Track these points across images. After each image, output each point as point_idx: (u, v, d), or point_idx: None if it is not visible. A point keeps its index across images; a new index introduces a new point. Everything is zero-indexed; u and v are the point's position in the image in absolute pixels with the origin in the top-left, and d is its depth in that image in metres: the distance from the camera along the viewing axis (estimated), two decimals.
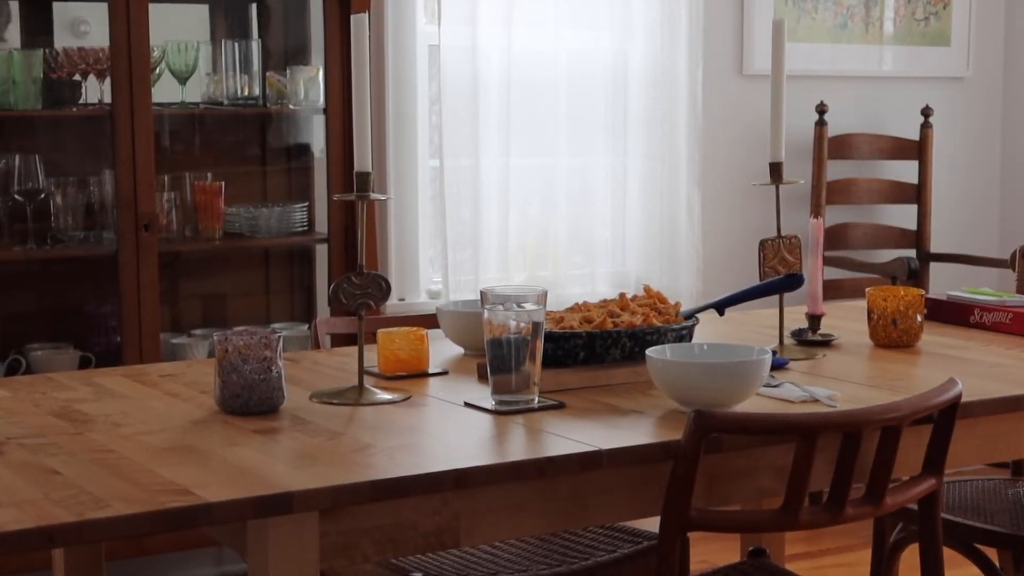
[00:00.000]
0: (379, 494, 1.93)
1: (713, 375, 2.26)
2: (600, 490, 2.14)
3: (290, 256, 4.45)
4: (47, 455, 2.05)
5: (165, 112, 4.05)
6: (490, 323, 2.30)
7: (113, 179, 3.89)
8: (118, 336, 3.93)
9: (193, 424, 2.25)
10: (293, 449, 2.11)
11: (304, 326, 4.25)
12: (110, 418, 2.29)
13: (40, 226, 3.93)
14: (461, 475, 1.99)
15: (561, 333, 2.53)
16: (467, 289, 4.29)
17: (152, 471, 1.95)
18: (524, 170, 4.48)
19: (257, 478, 1.93)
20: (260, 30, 4.31)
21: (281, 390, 2.31)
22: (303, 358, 2.85)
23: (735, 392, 2.27)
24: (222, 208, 4.11)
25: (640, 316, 2.60)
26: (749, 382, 2.28)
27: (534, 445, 2.19)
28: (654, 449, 2.13)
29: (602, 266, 4.64)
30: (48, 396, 2.47)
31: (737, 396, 2.27)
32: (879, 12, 5.18)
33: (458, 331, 2.83)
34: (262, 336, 2.29)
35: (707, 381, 2.26)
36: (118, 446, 2.10)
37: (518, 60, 4.39)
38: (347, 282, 2.40)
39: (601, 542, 2.68)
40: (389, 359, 2.61)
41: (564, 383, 2.45)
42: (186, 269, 4.26)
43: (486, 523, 2.06)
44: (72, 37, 4.03)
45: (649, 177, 4.64)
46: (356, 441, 2.14)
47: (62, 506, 1.79)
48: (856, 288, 4.58)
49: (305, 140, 4.37)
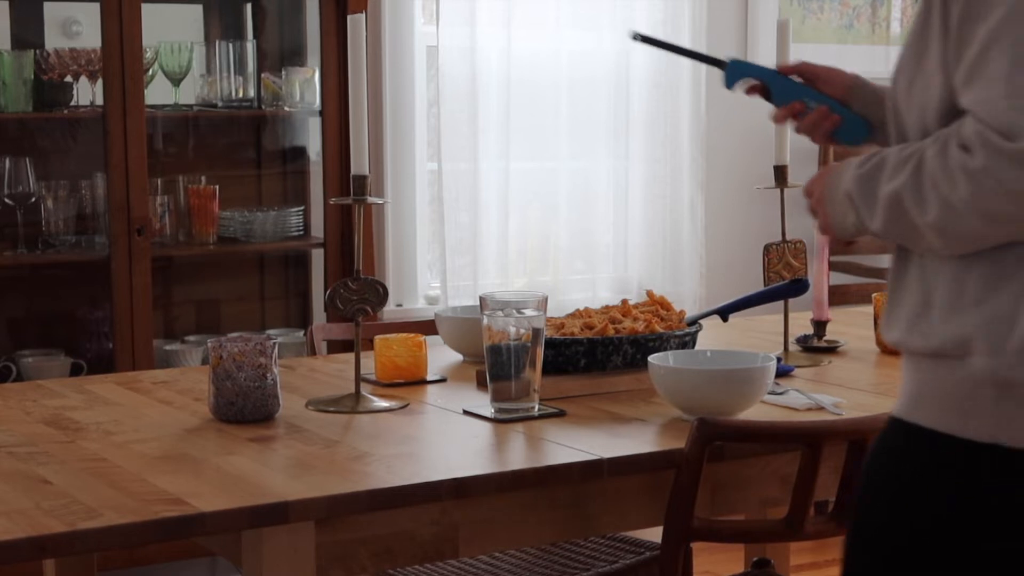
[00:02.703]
0: (376, 504, 1.93)
1: (716, 382, 2.26)
2: (601, 499, 2.14)
3: (285, 261, 4.44)
4: (38, 464, 2.05)
5: (158, 114, 4.04)
6: (489, 329, 2.30)
7: (105, 183, 3.87)
8: (110, 342, 3.92)
9: (187, 432, 2.25)
10: (289, 458, 2.11)
11: (300, 332, 4.23)
12: (102, 426, 2.29)
13: (31, 230, 3.91)
14: (460, 484, 1.99)
15: (562, 340, 2.51)
16: (466, 295, 4.26)
17: (145, 480, 1.95)
18: (524, 173, 4.46)
19: (252, 487, 1.93)
20: (255, 31, 4.30)
21: (276, 398, 2.31)
22: (299, 365, 2.85)
23: (739, 400, 2.26)
24: (216, 212, 4.10)
25: (642, 322, 2.59)
26: (753, 389, 2.27)
27: (534, 454, 2.19)
28: (656, 458, 2.13)
29: (603, 271, 4.63)
30: (39, 404, 2.47)
31: (741, 404, 2.27)
32: (885, 12, 5.15)
33: (457, 337, 2.82)
34: (257, 343, 2.29)
35: (710, 388, 2.25)
36: (110, 455, 2.10)
37: (518, 61, 4.37)
38: (344, 288, 2.40)
39: (602, 552, 2.68)
40: (386, 366, 2.61)
41: (565, 391, 2.45)
42: (180, 274, 4.25)
43: (485, 533, 2.06)
44: (63, 38, 4.02)
45: (651, 180, 4.62)
46: (353, 450, 2.14)
47: (53, 516, 1.79)
48: (863, 294, 4.55)
49: (301, 143, 4.36)
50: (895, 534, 1.62)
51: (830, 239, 1.67)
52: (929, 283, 1.59)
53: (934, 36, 1.57)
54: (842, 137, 2.01)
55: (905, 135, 1.64)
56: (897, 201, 1.56)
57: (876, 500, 1.65)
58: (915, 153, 1.56)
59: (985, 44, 1.49)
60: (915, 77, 1.61)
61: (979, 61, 1.49)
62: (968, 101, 1.51)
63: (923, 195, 1.53)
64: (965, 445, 1.55)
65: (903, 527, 1.61)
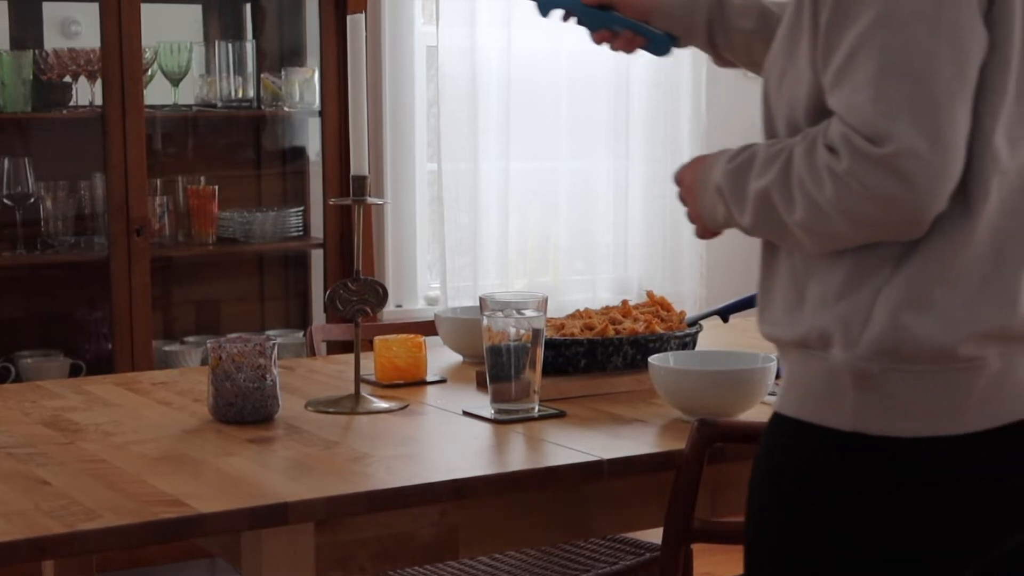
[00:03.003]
0: (376, 505, 1.93)
1: (717, 383, 2.25)
2: (601, 501, 2.14)
3: (285, 262, 4.44)
4: (37, 465, 2.04)
5: (157, 114, 4.04)
6: (489, 330, 2.29)
7: (104, 183, 3.87)
8: (109, 343, 3.91)
9: (186, 433, 2.24)
10: (288, 459, 2.11)
11: (299, 333, 4.23)
12: (101, 427, 2.28)
13: (30, 231, 3.90)
14: (460, 486, 1.98)
15: (562, 340, 2.51)
16: (466, 295, 4.26)
17: (144, 481, 1.94)
18: (524, 174, 4.45)
19: (251, 488, 1.92)
20: (254, 31, 4.29)
21: (276, 398, 2.30)
22: (298, 366, 2.84)
23: (739, 401, 2.26)
24: (216, 212, 4.09)
25: (642, 323, 2.59)
26: (754, 390, 2.26)
27: (534, 455, 2.18)
28: (656, 459, 2.12)
29: (604, 272, 4.62)
30: (38, 405, 2.46)
31: (741, 405, 2.26)
32: None
33: (457, 338, 2.81)
34: (256, 343, 2.28)
35: (711, 389, 2.25)
36: (109, 456, 2.09)
37: (518, 61, 4.36)
38: (343, 288, 2.39)
39: (602, 554, 2.67)
40: (386, 367, 2.60)
41: (565, 391, 2.44)
42: (179, 275, 4.24)
43: (485, 535, 2.06)
44: (62, 37, 4.02)
45: (652, 181, 4.60)
46: (352, 451, 2.14)
47: (52, 517, 1.78)
48: None
49: (300, 143, 4.36)
50: (775, 526, 1.67)
51: (700, 230, 1.76)
52: (800, 279, 1.63)
53: (804, 34, 1.59)
54: (652, 52, 2.16)
55: (774, 126, 1.67)
56: (766, 198, 1.60)
57: (758, 493, 1.71)
58: (784, 150, 1.58)
59: (853, 48, 1.51)
60: (787, 70, 1.63)
61: (847, 65, 1.51)
62: (835, 103, 1.53)
63: (791, 194, 1.56)
64: (831, 435, 1.60)
65: (781, 518, 1.66)
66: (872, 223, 1.52)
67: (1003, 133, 1.55)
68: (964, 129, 1.50)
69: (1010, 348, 1.58)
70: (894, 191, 1.48)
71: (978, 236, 1.56)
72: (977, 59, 1.52)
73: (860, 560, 1.60)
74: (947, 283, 1.55)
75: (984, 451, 1.57)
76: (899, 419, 1.57)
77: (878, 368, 1.56)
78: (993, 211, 1.56)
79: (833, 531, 1.61)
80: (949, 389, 1.56)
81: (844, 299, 1.58)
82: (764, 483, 1.70)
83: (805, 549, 1.64)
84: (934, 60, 1.48)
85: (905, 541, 1.59)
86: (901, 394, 1.56)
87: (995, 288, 1.57)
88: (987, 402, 1.57)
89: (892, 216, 1.51)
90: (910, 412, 1.57)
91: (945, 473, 1.57)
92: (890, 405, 1.57)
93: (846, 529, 1.60)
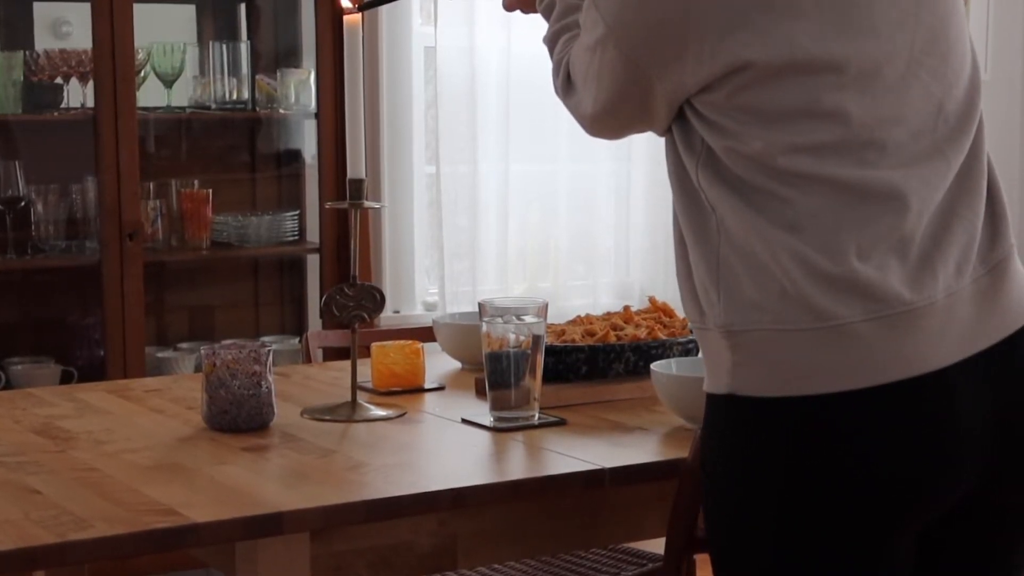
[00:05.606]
0: (373, 514, 1.93)
1: None
2: (603, 510, 2.15)
3: (280, 266, 4.45)
4: (27, 473, 2.05)
5: (150, 116, 4.05)
6: (489, 336, 2.30)
7: (96, 186, 3.87)
8: (101, 350, 3.93)
9: (179, 441, 2.25)
10: (283, 467, 2.11)
11: (295, 339, 4.24)
12: (93, 435, 2.28)
13: (20, 235, 3.91)
14: (458, 495, 1.99)
15: (562, 347, 2.51)
16: (465, 301, 4.27)
17: (137, 490, 1.95)
18: (524, 176, 4.47)
19: (246, 497, 1.93)
20: (249, 31, 4.31)
21: (271, 406, 2.30)
22: (294, 373, 2.85)
23: None
24: (210, 216, 4.10)
25: (645, 329, 2.59)
26: None
27: (534, 463, 2.19)
28: (659, 468, 2.13)
29: (605, 276, 4.63)
30: (29, 412, 2.46)
31: None
32: None
33: (455, 345, 2.81)
34: (251, 350, 2.29)
35: None
36: (101, 464, 2.09)
37: (518, 62, 4.37)
38: (340, 294, 2.39)
39: (604, 564, 2.67)
40: (383, 374, 2.60)
41: (565, 399, 2.44)
42: (172, 280, 4.25)
43: (484, 544, 2.07)
44: (53, 38, 4.03)
45: (653, 183, 4.59)
46: (349, 459, 2.14)
47: (43, 527, 1.78)
48: None
49: (296, 146, 4.37)
50: (709, 499, 1.83)
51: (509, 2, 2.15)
52: (691, 266, 1.81)
53: None
54: None
55: None
56: (556, 38, 2.00)
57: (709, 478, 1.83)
58: (571, 26, 1.96)
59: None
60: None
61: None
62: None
63: (560, 52, 1.97)
64: (723, 400, 1.74)
65: (709, 491, 1.82)
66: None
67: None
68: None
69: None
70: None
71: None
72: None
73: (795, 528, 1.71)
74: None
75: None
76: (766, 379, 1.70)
77: (740, 324, 1.71)
78: None
79: (738, 494, 1.75)
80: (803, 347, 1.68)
81: (709, 272, 1.77)
82: (705, 461, 1.84)
83: (729, 518, 1.78)
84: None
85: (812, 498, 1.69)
86: (766, 353, 1.70)
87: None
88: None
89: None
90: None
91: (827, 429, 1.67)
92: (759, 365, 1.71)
93: (744, 490, 1.74)
